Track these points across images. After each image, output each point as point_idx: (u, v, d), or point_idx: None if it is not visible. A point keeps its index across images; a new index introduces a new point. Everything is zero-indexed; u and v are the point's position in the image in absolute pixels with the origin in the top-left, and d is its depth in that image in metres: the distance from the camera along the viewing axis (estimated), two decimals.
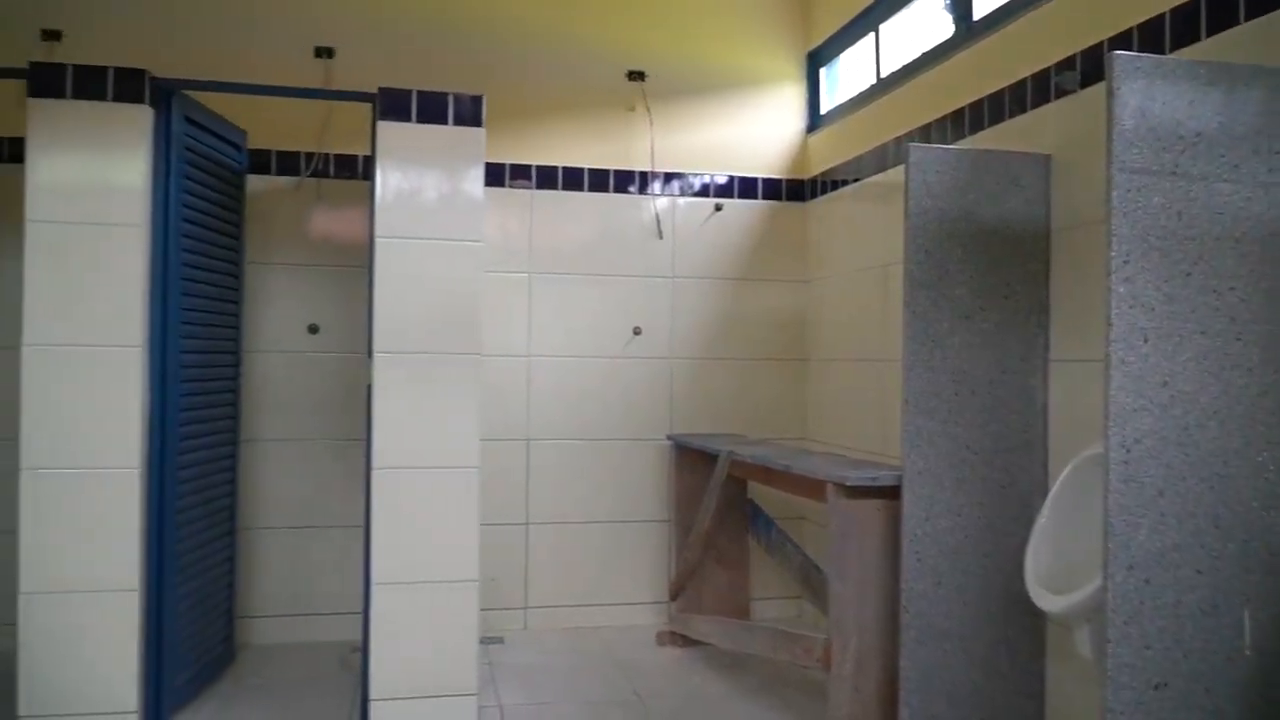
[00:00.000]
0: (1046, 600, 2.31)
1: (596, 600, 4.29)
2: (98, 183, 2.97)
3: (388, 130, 3.14)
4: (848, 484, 2.77)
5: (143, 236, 3.02)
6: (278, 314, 4.04)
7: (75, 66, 2.97)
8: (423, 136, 3.15)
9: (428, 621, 3.13)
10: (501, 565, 4.21)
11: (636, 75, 4.31)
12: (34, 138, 2.94)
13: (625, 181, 4.33)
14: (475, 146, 3.19)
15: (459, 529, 3.16)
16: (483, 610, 4.07)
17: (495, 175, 4.20)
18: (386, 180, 3.14)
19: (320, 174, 4.07)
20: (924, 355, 2.72)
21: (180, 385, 3.18)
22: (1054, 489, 2.46)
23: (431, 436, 3.14)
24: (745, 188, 4.45)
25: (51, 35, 3.84)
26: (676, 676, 3.66)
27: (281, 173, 4.06)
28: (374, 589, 3.11)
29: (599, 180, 4.31)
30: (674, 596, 4.08)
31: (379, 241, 3.13)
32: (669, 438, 4.22)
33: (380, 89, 3.15)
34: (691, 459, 4.05)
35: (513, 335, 4.25)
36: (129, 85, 3.00)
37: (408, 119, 3.15)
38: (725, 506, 3.88)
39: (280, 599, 4.04)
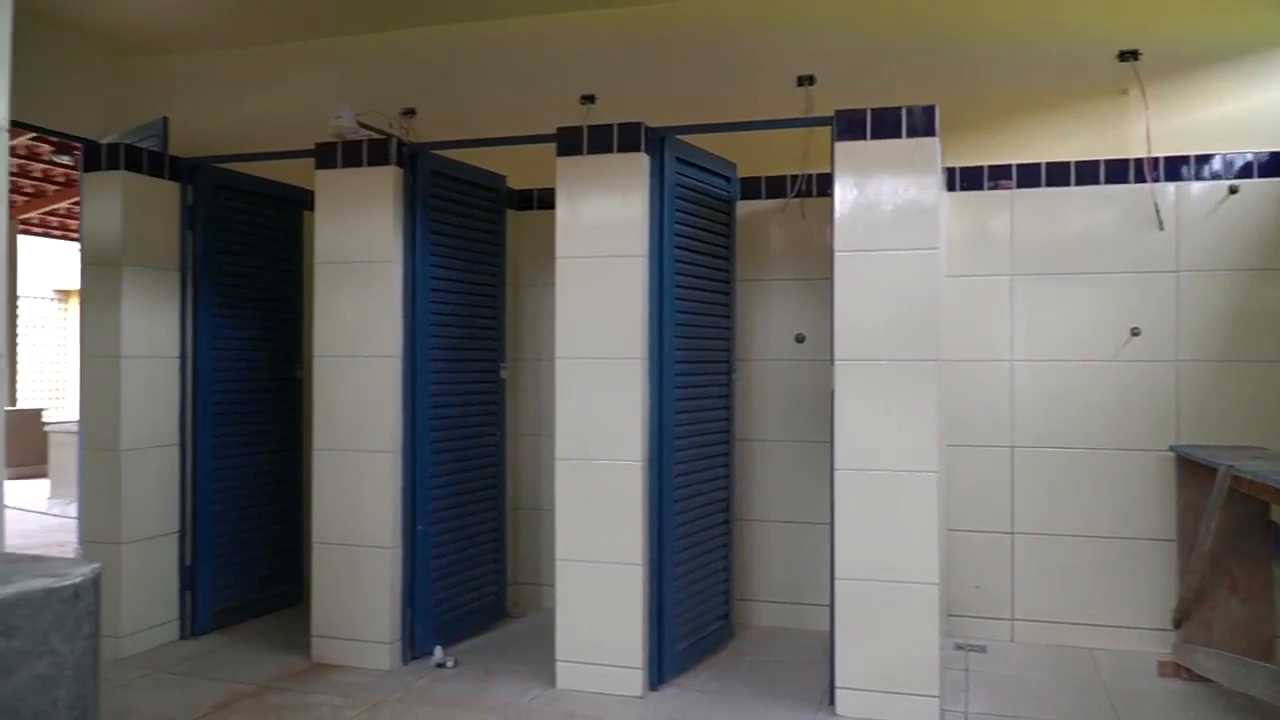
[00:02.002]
0: None
1: (1089, 619, 4.01)
2: (608, 222, 3.56)
3: (844, 149, 3.33)
4: None
5: (642, 265, 3.54)
6: (768, 325, 4.41)
7: (589, 127, 3.60)
8: (877, 152, 3.28)
9: (888, 619, 3.24)
10: (985, 573, 4.14)
11: (1129, 55, 3.96)
12: (561, 188, 3.62)
13: (1118, 172, 4.00)
14: (929, 156, 3.24)
15: (917, 531, 3.22)
16: (966, 617, 4.09)
17: (973, 179, 4.17)
18: (844, 197, 3.32)
19: (804, 194, 4.36)
20: None
21: (676, 391, 3.67)
22: None
23: (889, 440, 3.25)
24: (1270, 164, 3.84)
25: (588, 99, 4.62)
26: (1168, 712, 3.32)
27: (770, 196, 4.42)
28: (837, 583, 3.31)
29: (1087, 173, 4.03)
30: (1177, 624, 3.68)
31: (838, 255, 3.33)
32: (1172, 448, 3.82)
33: (837, 111, 3.35)
34: (1198, 473, 3.62)
35: (993, 340, 4.16)
36: (628, 137, 3.55)
37: (863, 137, 3.31)
38: (1237, 528, 3.43)
39: (776, 586, 4.40)
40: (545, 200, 4.69)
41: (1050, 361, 4.09)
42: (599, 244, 3.57)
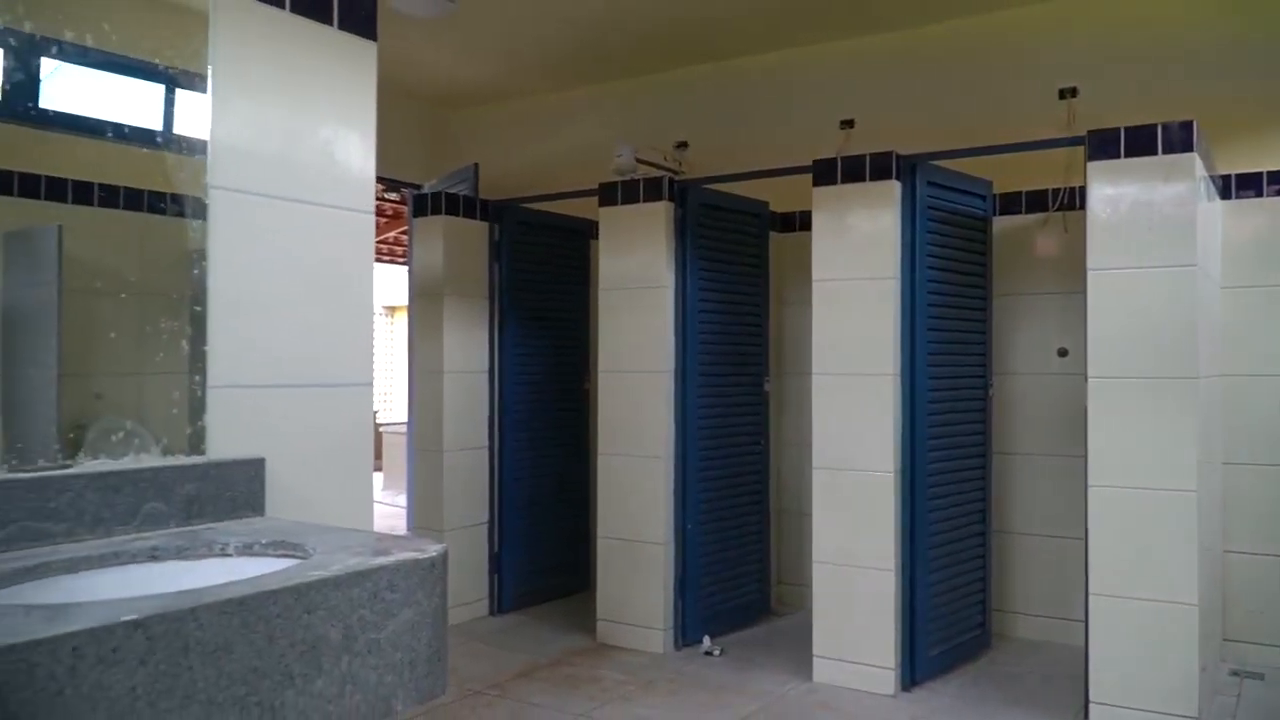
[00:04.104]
0: None
1: None
2: (861, 247, 3.80)
3: (1097, 169, 3.37)
4: None
5: (894, 286, 3.75)
6: (1028, 339, 4.45)
7: (842, 158, 3.86)
8: (1132, 170, 3.30)
9: (1146, 636, 3.24)
10: (1266, 597, 3.96)
11: None
12: (817, 215, 3.91)
13: None
14: (1186, 172, 3.22)
15: (1176, 551, 3.20)
16: (1245, 643, 3.98)
17: (1252, 185, 4.02)
18: (1098, 215, 3.37)
19: (1065, 207, 4.35)
20: None
21: (928, 405, 3.84)
22: None
23: (1145, 458, 3.25)
24: None
25: (847, 124, 4.84)
26: None
27: (1030, 210, 4.46)
28: (1092, 599, 3.35)
29: None
30: None
31: (1091, 274, 3.37)
32: None
33: (1089, 132, 3.40)
34: None
35: (1275, 352, 3.96)
36: (880, 166, 3.77)
37: (1116, 155, 3.33)
38: None
39: (1038, 599, 4.43)
40: (807, 222, 4.92)
41: None
42: (852, 267, 3.81)
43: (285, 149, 2.00)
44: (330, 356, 2.09)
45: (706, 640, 4.28)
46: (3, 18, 1.61)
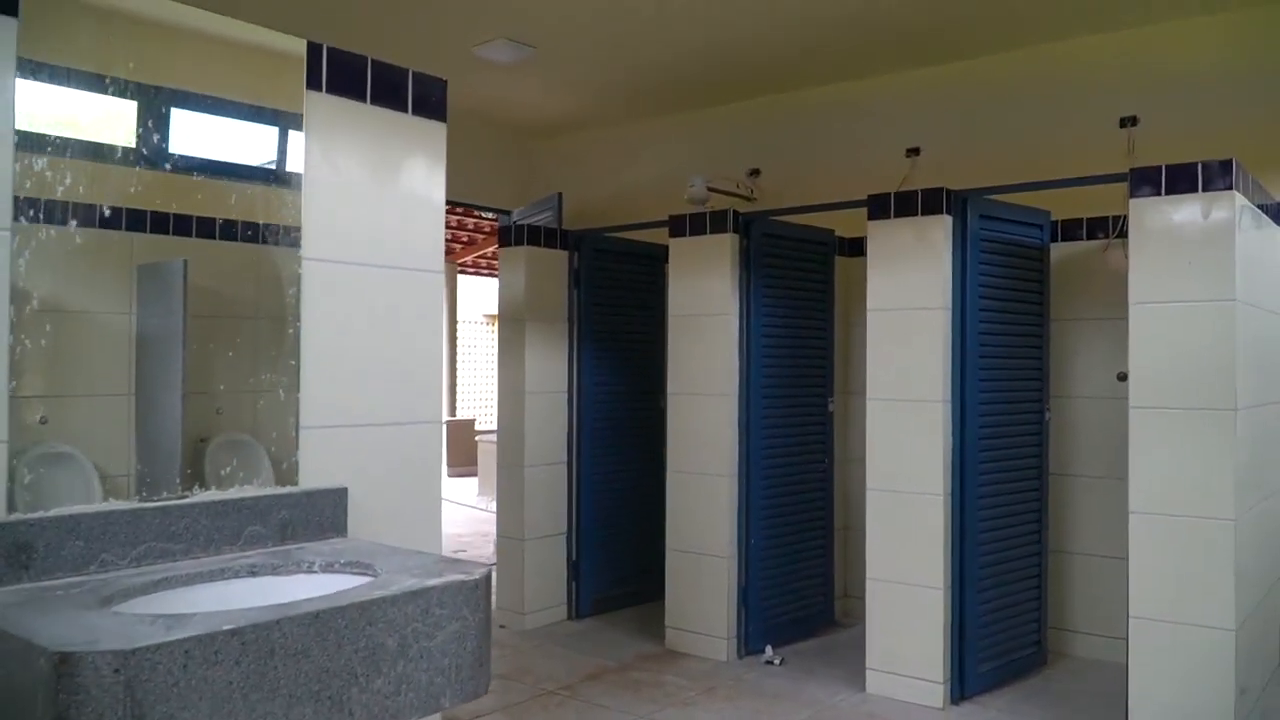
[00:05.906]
0: None
1: None
2: (913, 278, 3.97)
3: (1139, 205, 3.48)
4: None
5: (944, 317, 3.92)
6: (1088, 363, 4.53)
7: (895, 194, 4.04)
8: (1172, 207, 3.40)
9: (1183, 660, 3.34)
10: None
11: None
12: (871, 247, 4.10)
13: None
14: (1225, 209, 3.31)
15: (1213, 577, 3.30)
16: None
17: None
18: (1139, 250, 3.48)
19: (1125, 234, 4.41)
20: None
21: (978, 430, 3.99)
22: None
23: (1183, 487, 3.35)
24: None
25: (913, 151, 5.00)
26: None
27: (1091, 237, 4.55)
28: (1132, 621, 3.47)
29: None
30: None
31: (1133, 307, 3.49)
32: None
33: (1130, 169, 3.51)
34: None
35: None
36: (931, 201, 3.95)
37: (1158, 192, 3.44)
38: None
39: (1096, 619, 4.51)
40: None
41: None
42: (904, 298, 3.99)
43: (366, 221, 2.34)
44: (402, 397, 2.42)
45: (768, 650, 4.51)
46: (138, 75, 1.97)
